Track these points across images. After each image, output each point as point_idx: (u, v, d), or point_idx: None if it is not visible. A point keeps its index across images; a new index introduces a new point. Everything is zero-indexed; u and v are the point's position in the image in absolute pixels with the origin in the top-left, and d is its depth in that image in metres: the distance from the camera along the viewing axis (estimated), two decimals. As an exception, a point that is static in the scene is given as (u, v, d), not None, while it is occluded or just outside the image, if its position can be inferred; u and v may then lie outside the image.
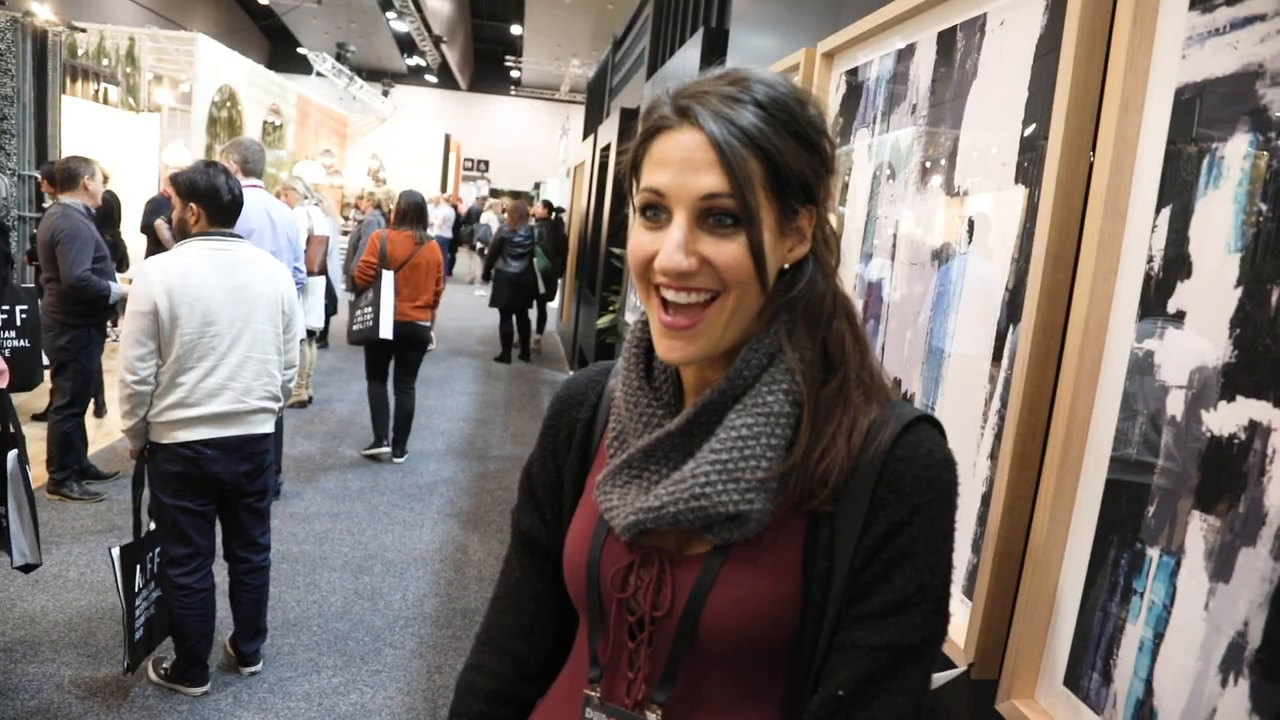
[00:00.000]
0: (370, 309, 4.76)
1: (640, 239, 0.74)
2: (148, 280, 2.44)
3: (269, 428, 2.68)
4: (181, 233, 2.60)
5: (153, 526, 2.62)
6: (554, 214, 9.63)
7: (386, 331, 4.72)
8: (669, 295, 0.73)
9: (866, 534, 0.72)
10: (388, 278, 4.74)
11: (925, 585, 0.71)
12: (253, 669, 2.84)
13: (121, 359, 2.46)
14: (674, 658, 0.76)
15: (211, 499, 2.62)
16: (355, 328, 4.86)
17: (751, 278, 0.72)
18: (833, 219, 0.80)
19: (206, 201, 2.54)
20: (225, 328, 2.53)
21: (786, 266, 0.76)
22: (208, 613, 2.65)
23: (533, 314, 8.97)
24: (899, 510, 0.71)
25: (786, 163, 0.71)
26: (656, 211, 0.73)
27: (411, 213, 5.01)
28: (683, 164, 0.71)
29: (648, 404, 0.80)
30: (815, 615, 0.73)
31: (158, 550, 2.63)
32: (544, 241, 8.51)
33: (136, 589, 2.53)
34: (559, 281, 9.74)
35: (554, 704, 0.89)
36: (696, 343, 0.73)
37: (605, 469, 0.81)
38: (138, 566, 2.54)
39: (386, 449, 5.14)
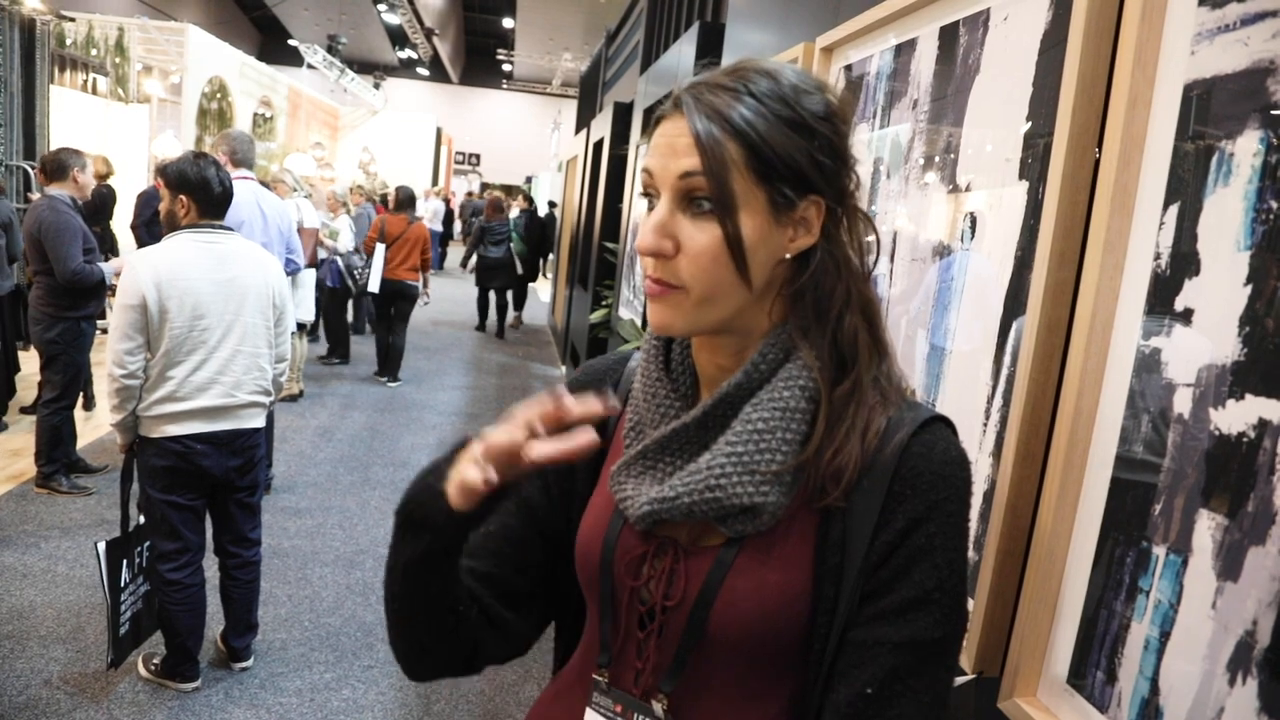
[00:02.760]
0: (368, 270, 6.82)
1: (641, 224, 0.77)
2: (136, 273, 2.41)
3: (260, 422, 2.67)
4: (170, 225, 2.56)
5: (141, 521, 2.60)
6: (533, 205, 11.23)
7: (374, 286, 6.73)
8: (650, 274, 0.75)
9: (883, 530, 0.72)
10: (379, 249, 6.77)
11: (944, 581, 0.71)
12: (244, 664, 2.82)
13: (110, 353, 2.43)
14: (683, 648, 0.76)
15: (201, 494, 2.60)
16: (360, 284, 6.89)
17: (720, 266, 0.72)
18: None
19: (197, 193, 2.50)
20: (215, 321, 2.50)
21: (789, 256, 0.76)
22: (198, 608, 2.63)
23: (509, 294, 10.31)
24: (917, 506, 0.72)
25: (769, 147, 0.72)
26: (651, 196, 0.76)
27: (405, 201, 7.10)
28: (667, 148, 0.74)
29: (665, 395, 0.81)
30: (826, 610, 0.73)
31: (147, 545, 2.61)
32: (521, 228, 10.03)
33: (122, 584, 2.51)
34: (541, 263, 11.50)
35: (561, 689, 0.89)
36: (672, 312, 0.75)
37: (622, 459, 0.81)
38: (124, 561, 2.52)
39: (385, 378, 6.96)
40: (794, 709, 0.77)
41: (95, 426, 5.07)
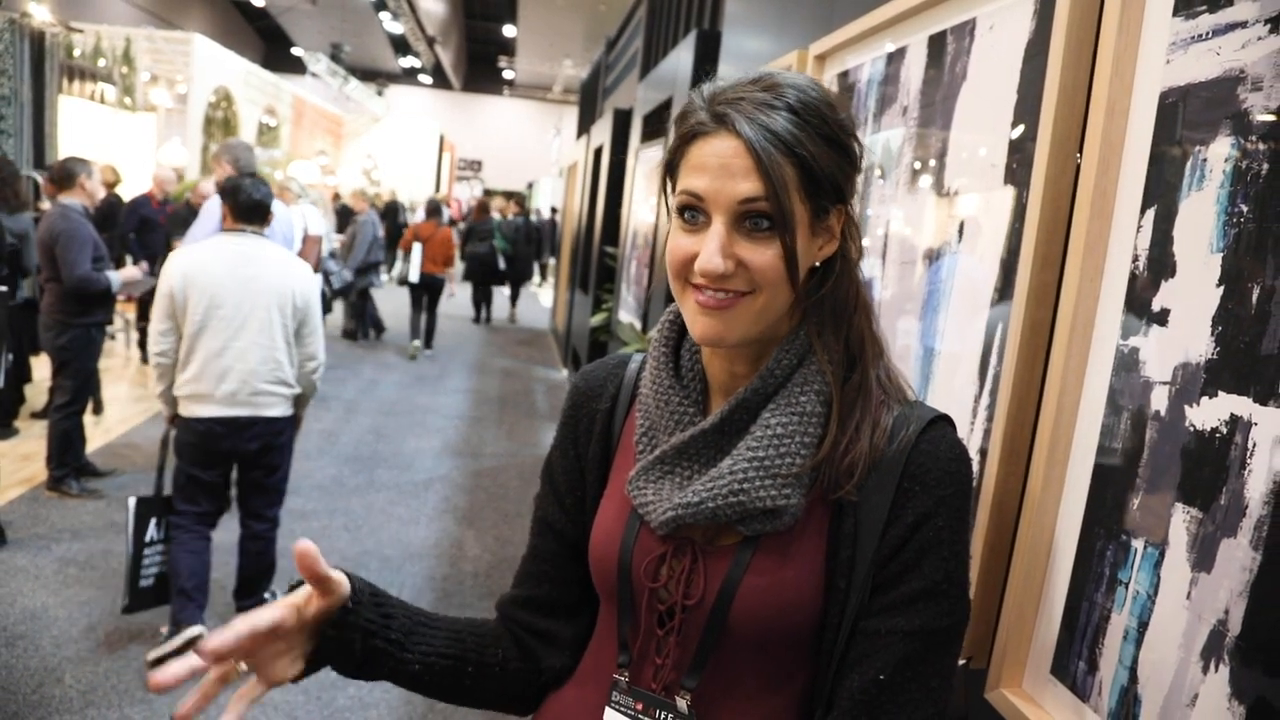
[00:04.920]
0: (407, 265, 8.53)
1: (679, 241, 0.77)
2: (169, 267, 2.78)
3: (277, 411, 2.87)
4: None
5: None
6: (525, 209, 13.26)
7: (414, 277, 8.44)
8: (706, 294, 0.75)
9: (893, 524, 0.76)
10: (416, 247, 8.44)
11: (951, 572, 0.75)
12: None
13: (149, 334, 2.80)
14: (704, 645, 0.79)
15: (222, 469, 2.91)
16: (399, 276, 8.76)
17: (783, 279, 0.75)
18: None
19: (228, 199, 2.85)
20: (231, 312, 2.75)
21: (817, 264, 0.79)
22: (200, 554, 2.86)
23: (503, 289, 12.27)
24: (925, 502, 0.75)
25: (819, 166, 0.74)
26: (695, 214, 0.76)
27: (433, 210, 9.03)
28: (721, 169, 0.73)
29: (679, 402, 0.83)
30: (838, 601, 0.76)
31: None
32: (505, 228, 11.72)
33: (149, 540, 2.84)
34: (535, 265, 13.75)
35: (576, 688, 0.91)
36: (729, 325, 0.76)
37: (639, 465, 0.83)
38: (153, 520, 2.84)
39: (417, 344, 8.63)
40: (806, 696, 0.81)
41: (104, 431, 5.11)
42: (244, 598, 3.07)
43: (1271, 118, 0.76)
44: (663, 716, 0.81)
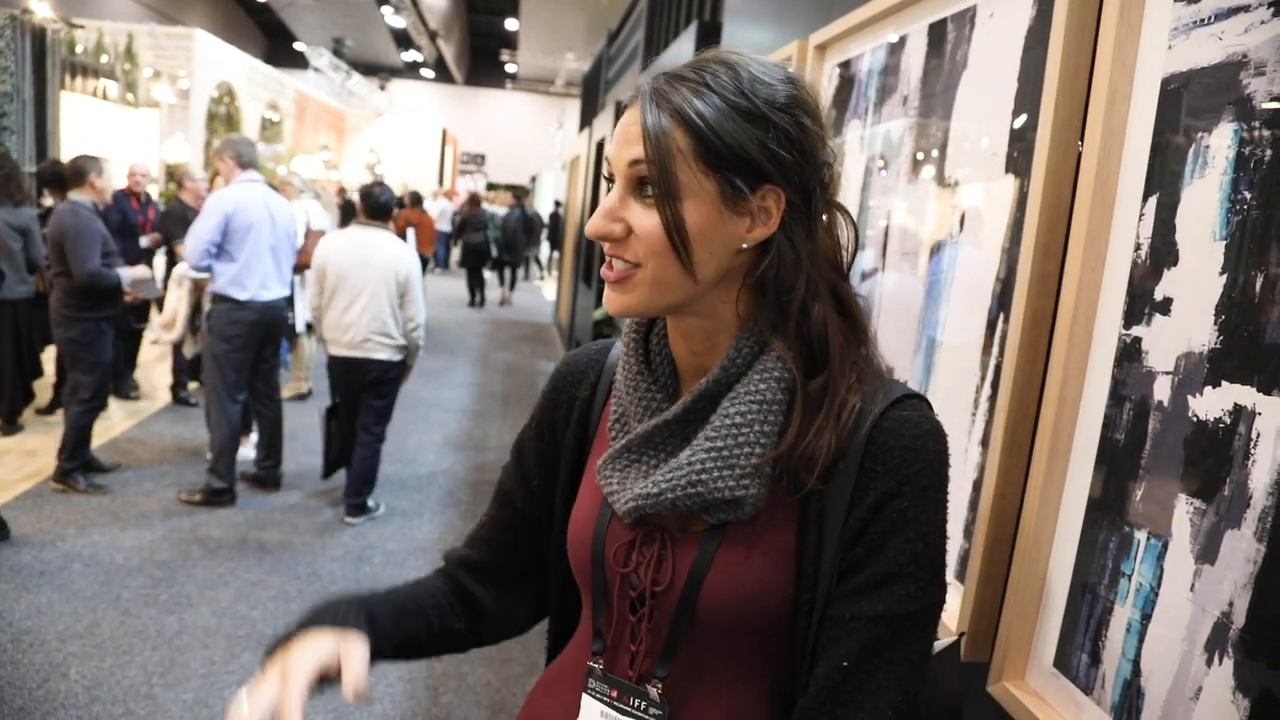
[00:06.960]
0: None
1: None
2: (319, 249, 3.99)
3: (383, 355, 3.97)
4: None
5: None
6: (519, 202, 14.26)
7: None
8: (608, 269, 0.78)
9: (856, 507, 0.74)
10: (410, 232, 10.15)
11: (918, 555, 0.72)
12: (351, 520, 4.09)
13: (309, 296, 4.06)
14: (674, 633, 0.78)
15: (348, 394, 4.03)
16: None
17: (668, 249, 0.73)
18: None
19: (362, 201, 4.01)
20: (352, 284, 3.89)
21: (746, 246, 0.76)
22: (356, 450, 4.14)
23: (489, 274, 13.22)
24: (887, 482, 0.73)
25: (717, 136, 0.72)
26: (610, 184, 0.78)
27: (416, 200, 11.23)
28: (622, 135, 0.76)
29: (647, 388, 0.83)
30: (808, 587, 0.75)
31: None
32: (498, 219, 13.16)
33: (330, 432, 4.13)
34: (528, 255, 15.09)
35: (555, 677, 0.91)
36: (626, 296, 0.77)
37: (607, 452, 0.83)
38: (334, 420, 4.09)
39: None
40: (783, 685, 0.80)
41: (109, 427, 5.12)
42: (350, 495, 4.15)
43: (1276, 103, 0.75)
44: (636, 704, 0.80)
